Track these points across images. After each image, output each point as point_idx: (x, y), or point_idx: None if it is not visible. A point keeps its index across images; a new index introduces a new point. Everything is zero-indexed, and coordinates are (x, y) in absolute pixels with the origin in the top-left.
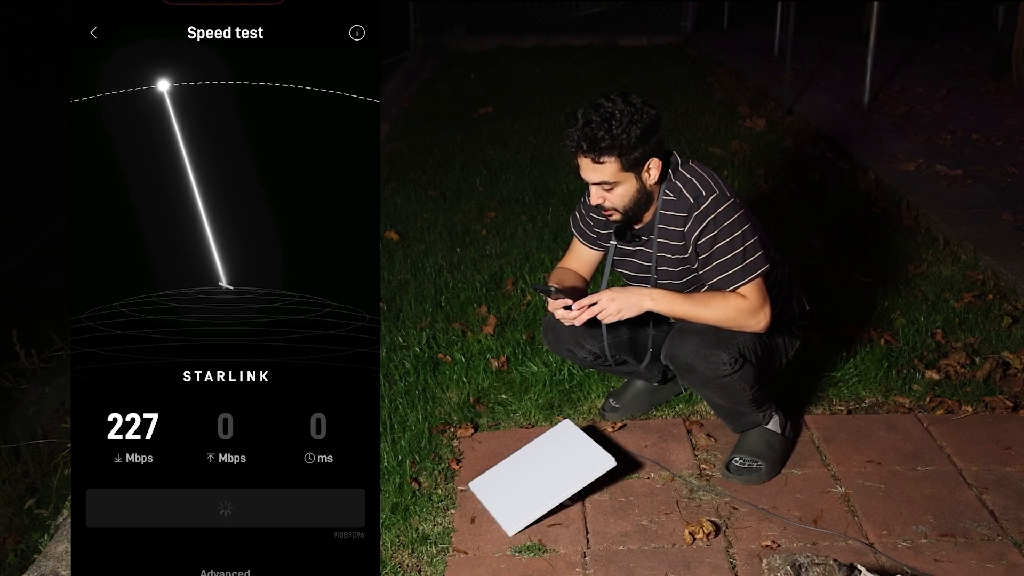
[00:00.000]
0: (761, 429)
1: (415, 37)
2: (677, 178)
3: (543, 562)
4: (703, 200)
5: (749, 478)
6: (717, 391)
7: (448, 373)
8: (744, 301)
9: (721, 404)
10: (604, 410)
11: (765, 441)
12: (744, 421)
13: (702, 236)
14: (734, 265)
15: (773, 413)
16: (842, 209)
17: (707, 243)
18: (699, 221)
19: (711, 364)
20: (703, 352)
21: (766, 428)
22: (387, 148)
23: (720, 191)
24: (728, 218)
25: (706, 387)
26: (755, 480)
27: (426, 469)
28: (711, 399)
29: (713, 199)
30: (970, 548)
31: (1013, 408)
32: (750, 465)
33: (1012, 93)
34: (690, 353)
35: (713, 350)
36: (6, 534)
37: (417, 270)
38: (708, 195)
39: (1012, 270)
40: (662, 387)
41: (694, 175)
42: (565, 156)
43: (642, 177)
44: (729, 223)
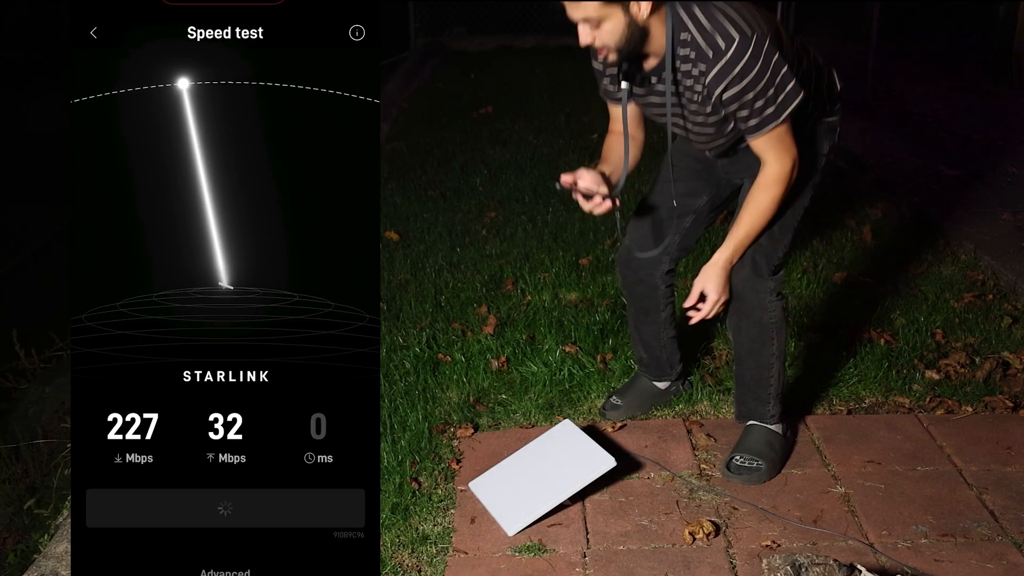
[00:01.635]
0: (763, 428)
1: (415, 37)
2: (691, 22)
3: (543, 562)
4: (722, 54)
5: (749, 477)
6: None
7: (448, 373)
8: (775, 171)
9: (747, 362)
10: (605, 409)
11: (766, 441)
12: (753, 405)
13: (727, 90)
14: (767, 108)
15: (779, 412)
16: (842, 209)
17: (734, 96)
18: (721, 77)
19: (758, 292)
20: (752, 281)
21: (767, 428)
22: (387, 148)
23: (741, 33)
24: (754, 64)
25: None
26: (755, 480)
27: (426, 469)
28: (740, 351)
29: (734, 49)
30: (970, 548)
31: (1013, 408)
32: (750, 464)
33: (1012, 93)
34: (739, 282)
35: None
36: (6, 534)
37: (417, 270)
38: (728, 46)
39: (1012, 270)
40: (666, 389)
41: (709, 18)
42: (565, 156)
43: (631, 11)
44: (756, 69)
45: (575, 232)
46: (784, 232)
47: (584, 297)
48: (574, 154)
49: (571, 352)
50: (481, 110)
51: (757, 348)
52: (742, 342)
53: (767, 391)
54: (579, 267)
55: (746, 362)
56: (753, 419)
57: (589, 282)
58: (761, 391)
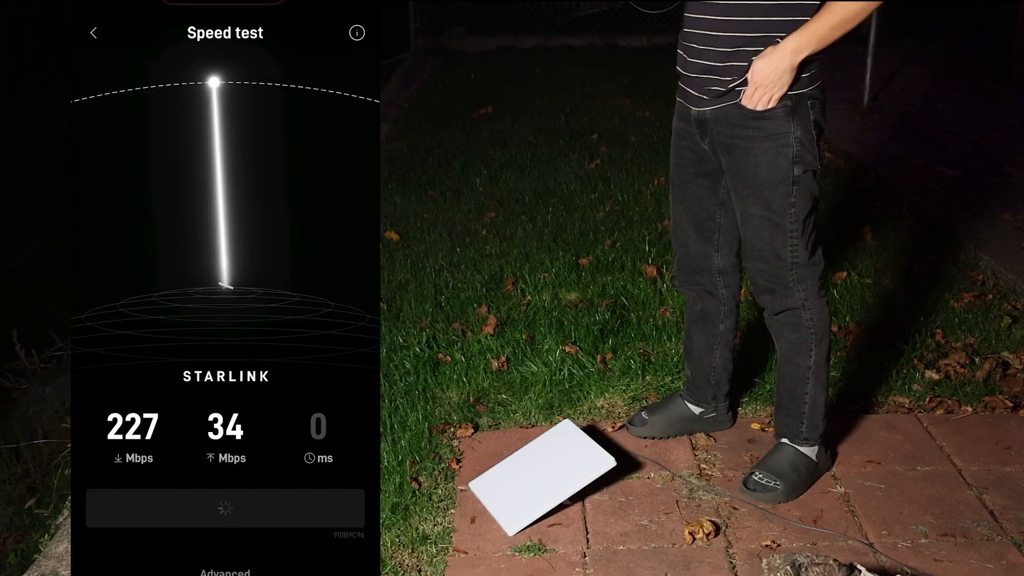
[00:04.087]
0: (790, 448)
1: (415, 37)
2: None
3: (543, 562)
4: None
5: (764, 496)
6: (790, 336)
7: (448, 373)
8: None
9: (784, 370)
10: (632, 422)
11: (791, 462)
12: (785, 419)
13: None
14: None
15: (815, 436)
16: (842, 209)
17: None
18: None
19: (785, 282)
20: (777, 270)
21: (797, 449)
22: (387, 148)
23: None
24: None
25: (780, 322)
26: (769, 499)
27: (426, 469)
28: (780, 357)
29: None
30: (970, 548)
31: (1013, 408)
32: (767, 483)
33: (1012, 93)
34: (758, 274)
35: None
36: (6, 534)
37: (417, 270)
38: None
39: (1012, 270)
40: (700, 415)
41: None
42: (565, 156)
43: None
44: None
45: (575, 232)
46: (783, 239)
47: (584, 297)
48: (574, 154)
49: (571, 352)
50: (481, 110)
51: (794, 356)
52: (781, 346)
53: (800, 408)
54: (579, 267)
55: (783, 370)
56: (784, 436)
57: (589, 282)
58: (794, 407)
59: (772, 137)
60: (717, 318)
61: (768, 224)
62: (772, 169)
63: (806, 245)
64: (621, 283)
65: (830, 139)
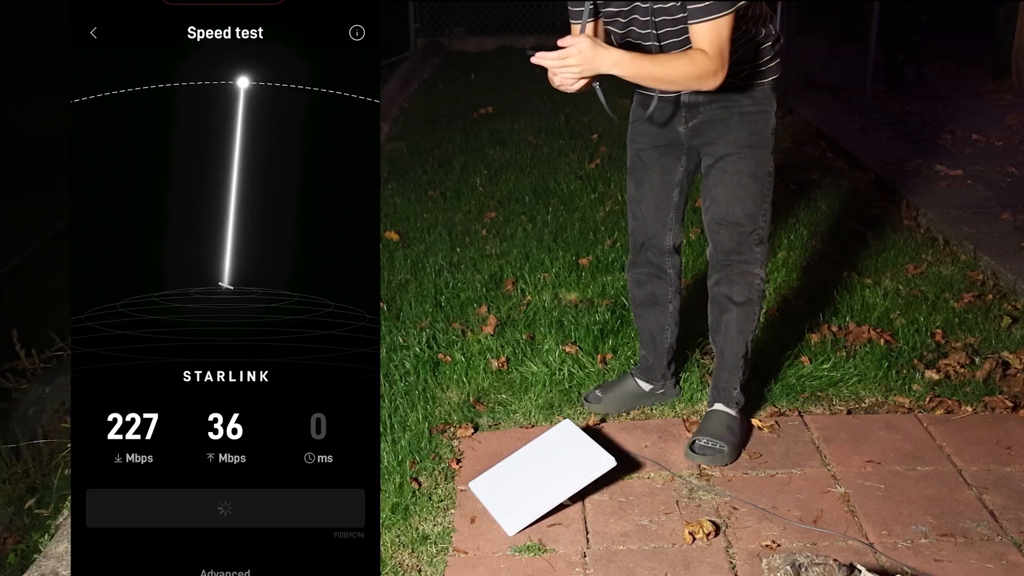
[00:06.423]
0: (723, 413)
1: (415, 37)
2: None
3: (543, 562)
4: None
5: (712, 458)
6: (743, 306)
7: (448, 373)
8: (706, 60)
9: (733, 341)
10: (588, 400)
11: (727, 425)
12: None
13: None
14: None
15: (743, 400)
16: (842, 209)
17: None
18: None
19: (744, 254)
20: (740, 239)
21: (728, 412)
22: (387, 148)
23: None
24: None
25: (736, 288)
26: (718, 461)
27: (426, 469)
28: (729, 327)
29: None
30: (970, 548)
31: (1013, 408)
32: (712, 445)
33: (1012, 93)
34: (727, 239)
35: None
36: (6, 534)
37: (417, 270)
38: None
39: (1012, 270)
40: (650, 391)
41: None
42: (565, 156)
43: None
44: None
45: (575, 232)
46: (758, 204)
47: (584, 297)
48: (574, 154)
49: (571, 352)
50: (481, 110)
51: (741, 317)
52: (729, 310)
53: (738, 372)
54: (579, 267)
55: (729, 334)
56: (719, 402)
57: (589, 282)
58: (735, 371)
59: (760, 108)
60: (666, 299)
61: (751, 180)
62: (762, 134)
63: (769, 210)
64: (621, 283)
65: (830, 139)
